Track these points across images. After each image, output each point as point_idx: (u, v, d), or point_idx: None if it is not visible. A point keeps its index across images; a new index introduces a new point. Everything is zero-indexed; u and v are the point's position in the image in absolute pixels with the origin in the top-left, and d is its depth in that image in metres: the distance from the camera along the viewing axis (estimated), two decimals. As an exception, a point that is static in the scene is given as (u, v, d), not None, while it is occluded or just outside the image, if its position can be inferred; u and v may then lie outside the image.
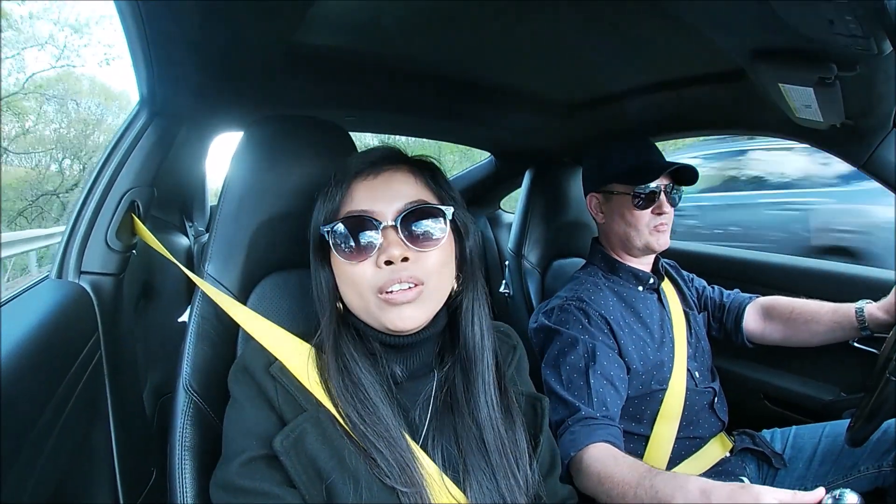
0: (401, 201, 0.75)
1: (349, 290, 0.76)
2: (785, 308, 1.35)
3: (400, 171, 0.78)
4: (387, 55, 1.25)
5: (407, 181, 0.78)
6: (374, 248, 0.73)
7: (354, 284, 0.74)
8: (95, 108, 13.86)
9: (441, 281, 0.77)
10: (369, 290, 0.73)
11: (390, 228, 0.73)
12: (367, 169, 0.78)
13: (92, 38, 12.30)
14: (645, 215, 1.27)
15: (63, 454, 0.82)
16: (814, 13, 0.69)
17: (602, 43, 1.17)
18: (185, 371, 0.86)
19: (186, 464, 0.80)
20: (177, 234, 1.77)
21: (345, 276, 0.75)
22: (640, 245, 1.29)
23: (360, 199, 0.76)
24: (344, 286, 0.77)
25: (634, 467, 0.93)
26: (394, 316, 0.73)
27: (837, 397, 1.38)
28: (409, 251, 0.73)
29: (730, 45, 0.95)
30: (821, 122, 1.10)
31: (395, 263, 0.71)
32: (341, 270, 0.76)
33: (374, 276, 0.73)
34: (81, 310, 0.99)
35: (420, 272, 0.73)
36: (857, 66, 0.85)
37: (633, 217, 1.27)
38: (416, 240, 0.73)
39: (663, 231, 1.28)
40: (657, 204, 1.26)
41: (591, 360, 1.15)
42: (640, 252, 1.32)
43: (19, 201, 11.47)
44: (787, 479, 1.23)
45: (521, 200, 1.83)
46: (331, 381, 0.73)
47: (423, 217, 0.75)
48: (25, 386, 0.73)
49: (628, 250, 1.33)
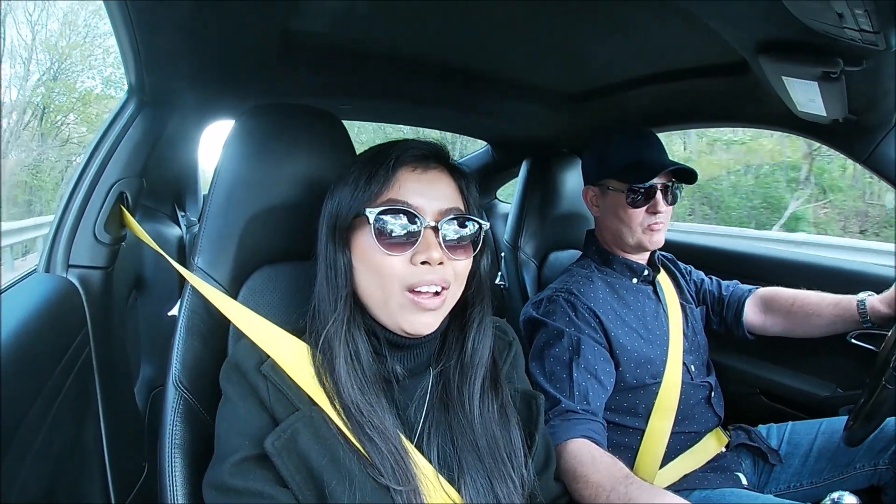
0: (443, 203, 0.74)
1: (371, 280, 0.73)
2: (786, 300, 1.34)
3: (444, 172, 0.77)
4: (383, 43, 1.23)
5: (450, 184, 0.77)
6: (414, 244, 0.72)
7: (381, 275, 0.72)
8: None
9: (459, 289, 0.78)
10: (397, 285, 0.72)
11: (430, 229, 0.72)
12: (416, 162, 0.76)
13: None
14: (638, 214, 1.24)
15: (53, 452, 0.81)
16: (824, 7, 0.67)
17: (603, 33, 1.15)
18: (174, 367, 0.84)
19: (177, 462, 0.78)
20: (168, 223, 1.74)
21: (372, 265, 0.73)
22: (633, 243, 1.27)
23: (405, 191, 0.73)
24: (365, 275, 0.74)
25: (610, 471, 0.91)
26: (414, 319, 0.72)
27: (834, 393, 1.38)
28: (444, 255, 0.72)
29: (735, 37, 0.93)
30: (823, 116, 1.09)
31: (430, 265, 0.71)
32: (369, 258, 0.73)
33: (404, 272, 0.71)
34: (69, 304, 0.97)
35: (449, 276, 0.74)
36: (863, 62, 0.84)
37: (627, 215, 1.25)
38: (450, 245, 0.73)
39: (657, 230, 1.25)
40: (652, 203, 1.23)
41: (575, 354, 1.14)
42: (633, 249, 1.31)
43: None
44: (782, 476, 1.23)
45: (518, 191, 1.81)
46: (329, 374, 0.72)
47: (462, 225, 0.75)
48: (12, 384, 0.71)
49: (621, 247, 1.32)
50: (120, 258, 1.13)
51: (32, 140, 12.59)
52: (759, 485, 1.24)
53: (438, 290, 0.73)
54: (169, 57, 1.02)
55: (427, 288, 0.72)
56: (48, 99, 13.01)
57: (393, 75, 1.40)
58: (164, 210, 1.80)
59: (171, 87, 1.17)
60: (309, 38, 1.14)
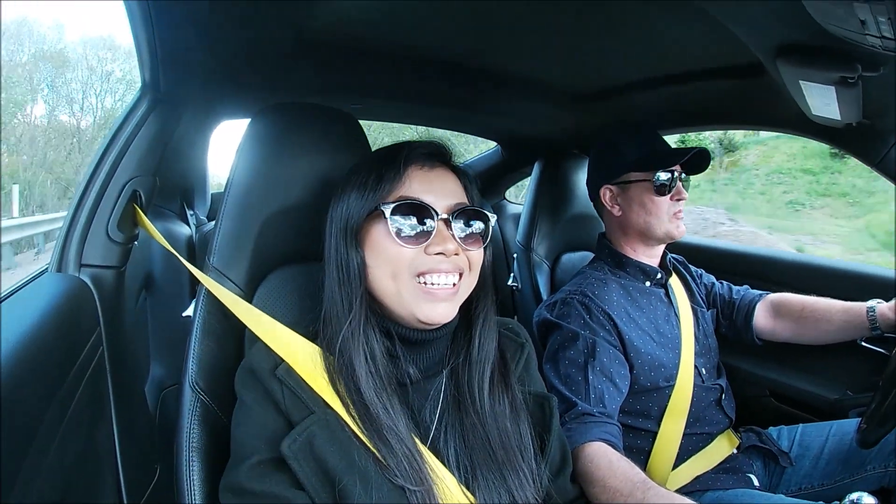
0: (451, 199, 0.78)
1: (384, 272, 0.76)
2: (795, 306, 1.35)
3: (448, 169, 0.82)
4: (395, 43, 1.22)
5: (455, 181, 0.81)
6: (429, 236, 0.75)
7: (391, 263, 0.75)
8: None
9: (474, 280, 0.81)
10: (406, 271, 0.74)
11: (443, 222, 0.76)
12: (423, 160, 0.80)
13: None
14: (665, 202, 1.26)
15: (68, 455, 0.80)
16: (846, 13, 0.67)
17: (617, 33, 1.15)
18: (191, 369, 0.84)
19: (194, 465, 0.79)
20: (177, 222, 1.73)
21: (384, 255, 0.75)
22: (661, 233, 1.28)
23: (416, 188, 0.77)
24: (379, 270, 0.76)
25: (628, 476, 0.92)
26: (428, 308, 0.75)
27: (844, 396, 1.38)
28: (459, 247, 0.76)
29: (755, 40, 0.93)
30: (838, 120, 1.09)
31: (445, 256, 0.75)
32: (383, 251, 0.75)
33: (414, 258, 0.75)
34: (83, 304, 0.96)
35: (463, 264, 0.77)
36: (880, 67, 0.84)
37: (654, 204, 1.26)
38: (462, 237, 0.77)
39: (681, 218, 1.28)
40: (676, 190, 1.26)
41: (590, 356, 1.15)
42: (659, 242, 1.31)
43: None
44: (793, 478, 1.23)
45: (530, 192, 1.80)
46: (347, 376, 0.73)
47: (472, 218, 0.79)
48: (28, 386, 0.71)
49: (646, 241, 1.32)
50: (130, 258, 1.13)
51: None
52: (770, 486, 1.25)
53: (455, 282, 0.76)
54: (185, 54, 1.01)
55: (444, 282, 0.75)
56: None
57: (404, 75, 1.40)
58: (172, 209, 1.79)
59: (185, 85, 1.16)
60: (322, 37, 1.14)
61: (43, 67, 18.68)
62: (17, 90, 16.99)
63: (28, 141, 17.49)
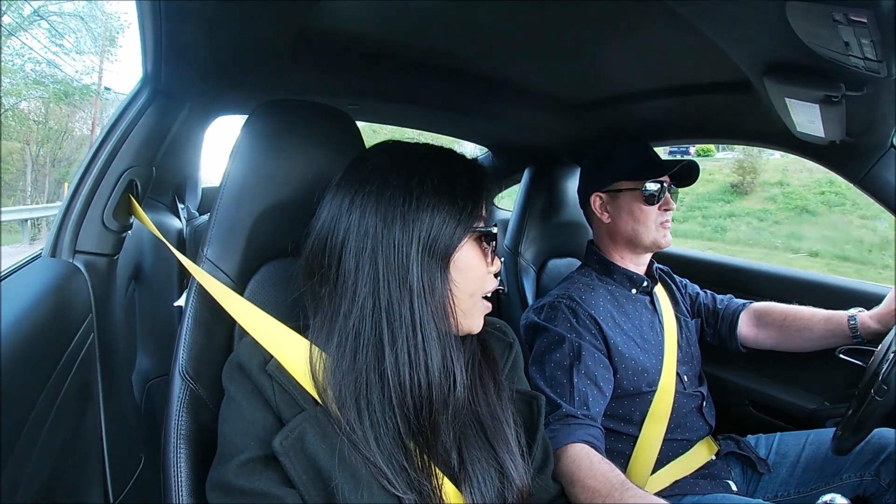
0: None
1: (466, 289, 0.76)
2: (778, 315, 1.38)
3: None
4: (394, 45, 1.23)
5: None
6: (493, 256, 0.80)
7: (476, 282, 0.78)
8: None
9: None
10: (480, 293, 0.79)
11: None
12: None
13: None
14: (653, 211, 1.29)
15: (57, 439, 0.80)
16: (831, 34, 0.69)
17: (613, 44, 1.16)
18: (181, 357, 0.84)
19: (182, 453, 0.78)
20: (168, 215, 1.73)
21: (472, 275, 0.77)
22: (648, 242, 1.31)
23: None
24: (463, 287, 0.75)
25: (607, 477, 0.94)
26: (478, 322, 0.80)
27: (821, 406, 1.41)
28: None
29: (744, 57, 0.95)
30: (822, 137, 1.12)
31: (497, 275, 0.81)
32: (471, 270, 0.76)
33: (488, 282, 0.80)
34: (76, 290, 0.96)
35: None
36: (864, 87, 0.87)
37: (642, 213, 1.30)
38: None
39: (668, 227, 1.31)
40: (664, 200, 1.29)
41: (576, 359, 1.17)
42: (646, 250, 1.34)
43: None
44: (770, 485, 1.26)
45: (520, 198, 1.83)
46: (334, 375, 0.72)
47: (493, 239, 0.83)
48: (21, 371, 0.70)
49: (634, 249, 1.35)
50: (122, 248, 1.13)
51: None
52: (747, 493, 1.27)
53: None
54: (188, 48, 1.02)
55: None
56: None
57: (401, 77, 1.41)
58: (163, 201, 1.79)
59: (186, 79, 1.17)
60: (323, 37, 1.14)
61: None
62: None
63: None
